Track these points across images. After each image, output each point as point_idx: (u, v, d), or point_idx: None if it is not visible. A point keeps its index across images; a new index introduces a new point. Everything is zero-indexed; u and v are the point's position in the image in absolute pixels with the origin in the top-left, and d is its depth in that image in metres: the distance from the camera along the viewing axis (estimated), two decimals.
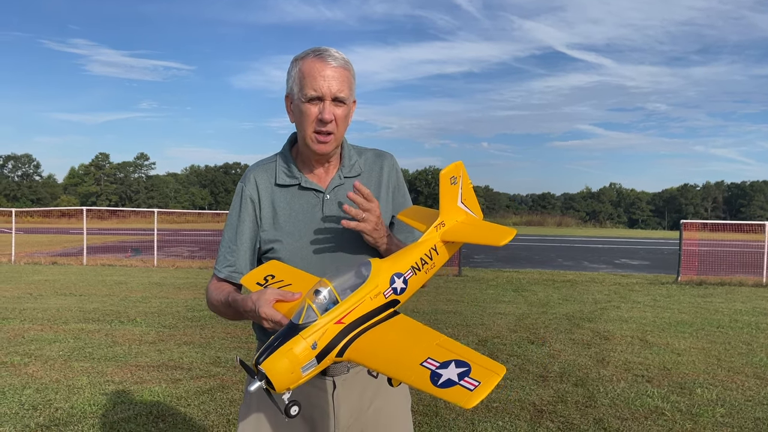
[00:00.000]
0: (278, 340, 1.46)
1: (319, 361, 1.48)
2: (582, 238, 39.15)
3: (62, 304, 10.11)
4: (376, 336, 1.55)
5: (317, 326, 1.47)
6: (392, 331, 1.57)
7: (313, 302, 1.49)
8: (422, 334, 1.56)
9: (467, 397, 1.34)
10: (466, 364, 1.42)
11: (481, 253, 22.86)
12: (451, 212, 1.87)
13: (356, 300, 1.54)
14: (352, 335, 1.53)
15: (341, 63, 1.85)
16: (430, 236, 1.81)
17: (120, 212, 34.17)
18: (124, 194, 77.92)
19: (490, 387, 1.36)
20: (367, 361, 1.50)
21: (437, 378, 1.39)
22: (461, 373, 1.40)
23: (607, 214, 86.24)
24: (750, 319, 9.60)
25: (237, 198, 1.99)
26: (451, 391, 1.36)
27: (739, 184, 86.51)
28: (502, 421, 4.80)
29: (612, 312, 9.98)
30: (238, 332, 7.82)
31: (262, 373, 1.42)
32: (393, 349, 1.51)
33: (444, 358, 1.44)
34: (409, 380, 1.42)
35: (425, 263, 1.75)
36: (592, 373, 6.16)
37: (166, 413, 4.88)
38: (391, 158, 2.10)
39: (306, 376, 1.47)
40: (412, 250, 1.76)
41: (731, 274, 15.69)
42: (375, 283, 1.59)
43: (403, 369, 1.45)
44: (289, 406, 1.46)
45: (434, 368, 1.42)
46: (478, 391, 1.35)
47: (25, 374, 5.88)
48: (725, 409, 5.14)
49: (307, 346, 1.45)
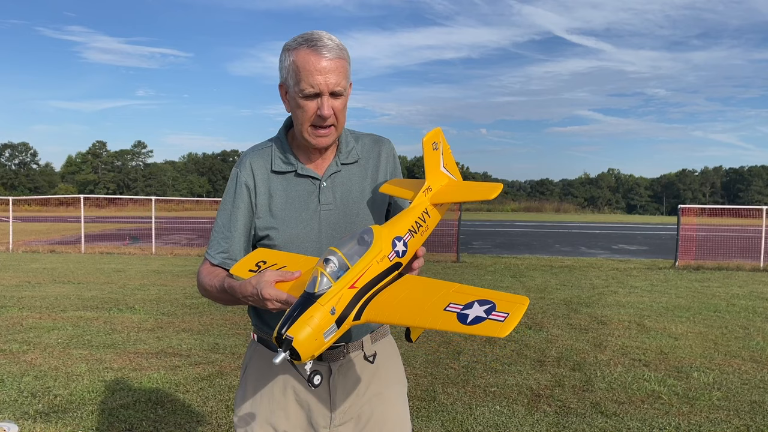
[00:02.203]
0: (296, 311, 1.47)
1: (338, 326, 1.52)
2: (580, 223, 39.20)
3: (60, 292, 10.12)
4: (390, 295, 1.62)
5: (332, 292, 1.51)
6: (405, 289, 1.64)
7: (325, 270, 1.52)
8: (436, 285, 1.63)
9: (500, 328, 1.41)
10: (489, 302, 1.50)
11: (479, 239, 22.89)
12: (436, 177, 1.96)
13: (365, 264, 1.59)
14: (366, 297, 1.58)
15: (336, 53, 1.79)
16: (420, 201, 1.89)
17: (118, 200, 34.08)
18: (121, 182, 77.79)
19: (519, 316, 1.43)
20: (387, 318, 1.56)
21: (465, 318, 1.46)
22: (487, 309, 1.47)
23: (605, 200, 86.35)
24: (747, 303, 9.63)
25: (232, 183, 1.96)
26: (482, 326, 1.43)
27: (738, 169, 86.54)
28: (500, 405, 4.82)
29: (609, 297, 10.01)
30: (236, 319, 7.83)
31: (287, 344, 1.44)
32: (411, 303, 1.58)
33: (465, 301, 1.52)
34: (436, 326, 1.48)
35: (420, 226, 1.83)
36: (590, 358, 6.19)
37: (165, 400, 4.89)
38: (388, 144, 2.08)
39: (328, 342, 1.50)
40: (407, 215, 1.83)
41: (729, 258, 15.72)
42: (379, 248, 1.64)
43: (427, 317, 1.51)
44: (312, 376, 1.49)
45: (459, 310, 1.49)
46: (509, 321, 1.42)
47: (24, 362, 5.89)
48: (722, 393, 5.17)
49: (326, 312, 1.48)
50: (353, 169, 1.99)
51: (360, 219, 1.97)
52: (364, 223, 1.96)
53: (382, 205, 2.04)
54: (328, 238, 1.91)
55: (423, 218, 1.85)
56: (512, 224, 36.23)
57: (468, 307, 1.49)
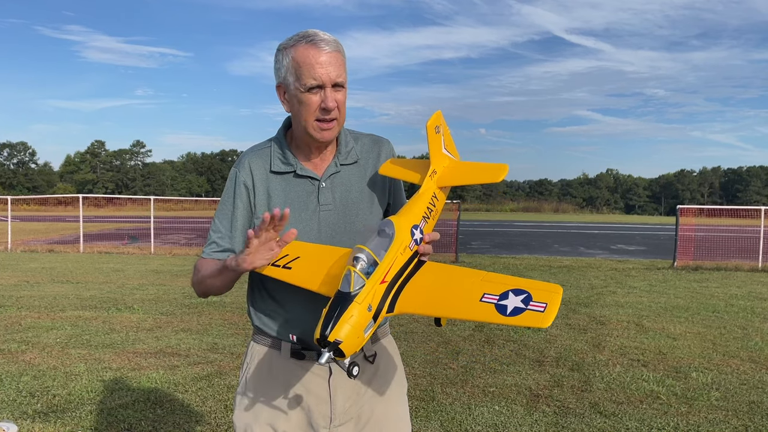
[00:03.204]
0: (336, 311, 1.51)
1: (375, 320, 1.57)
2: (579, 224, 39.23)
3: (59, 291, 10.11)
4: (418, 285, 1.65)
5: (367, 290, 1.55)
6: (431, 278, 1.67)
7: (356, 269, 1.56)
8: (462, 274, 1.66)
9: (542, 318, 1.44)
10: (523, 291, 1.53)
11: (478, 240, 22.91)
12: (440, 160, 2.00)
13: (391, 257, 1.63)
14: (395, 290, 1.63)
15: (334, 46, 1.81)
16: (427, 186, 1.92)
17: (116, 200, 34.03)
18: (120, 182, 77.76)
19: (557, 305, 1.47)
20: (422, 309, 1.60)
21: (504, 309, 1.49)
22: (524, 299, 1.50)
23: (604, 200, 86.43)
24: (745, 303, 9.64)
25: (231, 183, 1.96)
26: (523, 317, 1.46)
27: (736, 170, 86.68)
28: (499, 405, 4.82)
29: (608, 297, 10.02)
30: (235, 319, 7.83)
31: (333, 344, 1.47)
32: (443, 293, 1.62)
33: (499, 291, 1.55)
34: (476, 317, 1.52)
35: (431, 210, 1.88)
36: (588, 358, 6.19)
37: (164, 399, 4.89)
38: (388, 144, 2.08)
39: (367, 337, 1.55)
40: (417, 201, 1.87)
41: (727, 259, 15.75)
42: (401, 239, 1.68)
43: (466, 309, 1.55)
44: (350, 368, 1.54)
45: (495, 301, 1.52)
46: (549, 311, 1.45)
47: (22, 361, 5.89)
48: (720, 393, 5.17)
49: (364, 309, 1.53)
50: (352, 170, 1.99)
51: (359, 219, 1.96)
52: (363, 223, 1.96)
53: (382, 205, 2.04)
54: (328, 238, 1.91)
55: (433, 203, 1.90)
56: (511, 224, 36.25)
57: (504, 298, 1.52)
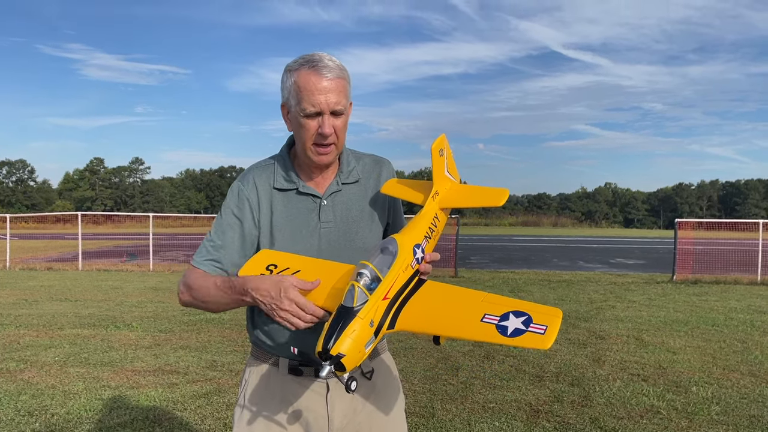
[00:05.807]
0: (338, 325, 1.52)
1: (376, 336, 1.59)
2: (578, 238, 39.23)
3: (58, 309, 10.09)
4: (419, 303, 1.68)
5: (369, 305, 1.57)
6: (432, 297, 1.70)
7: (359, 284, 1.58)
8: (464, 294, 1.69)
9: (542, 340, 1.47)
10: (523, 313, 1.56)
11: (477, 254, 22.90)
12: (442, 181, 2.07)
13: (394, 275, 1.67)
14: (397, 307, 1.66)
15: (337, 73, 1.83)
16: (430, 206, 1.98)
17: (115, 217, 34.00)
18: (119, 199, 77.75)
19: (557, 328, 1.50)
20: (423, 327, 1.62)
21: (504, 330, 1.52)
22: (524, 321, 1.53)
23: (602, 214, 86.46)
24: (745, 317, 9.63)
25: (233, 196, 1.97)
26: (524, 338, 1.49)
27: (734, 183, 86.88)
28: (498, 421, 4.81)
29: (608, 311, 10.01)
30: (234, 336, 7.81)
31: (335, 358, 1.49)
32: (445, 312, 1.64)
33: (500, 312, 1.58)
34: (477, 337, 1.55)
35: (432, 231, 1.94)
36: (588, 373, 6.18)
37: (163, 418, 4.87)
38: (389, 165, 2.12)
39: (368, 352, 1.57)
40: (420, 221, 1.92)
41: (726, 272, 15.74)
42: (404, 257, 1.72)
43: (466, 329, 1.57)
44: (349, 383, 1.54)
45: (496, 322, 1.55)
46: (549, 333, 1.48)
47: (20, 380, 5.87)
48: (720, 407, 5.16)
49: (366, 325, 1.55)
50: (353, 189, 2.02)
51: (359, 237, 1.99)
52: (363, 241, 1.99)
53: (381, 224, 2.07)
54: (328, 255, 1.93)
55: (434, 223, 1.95)
56: (510, 239, 36.24)
57: (504, 319, 1.55)
